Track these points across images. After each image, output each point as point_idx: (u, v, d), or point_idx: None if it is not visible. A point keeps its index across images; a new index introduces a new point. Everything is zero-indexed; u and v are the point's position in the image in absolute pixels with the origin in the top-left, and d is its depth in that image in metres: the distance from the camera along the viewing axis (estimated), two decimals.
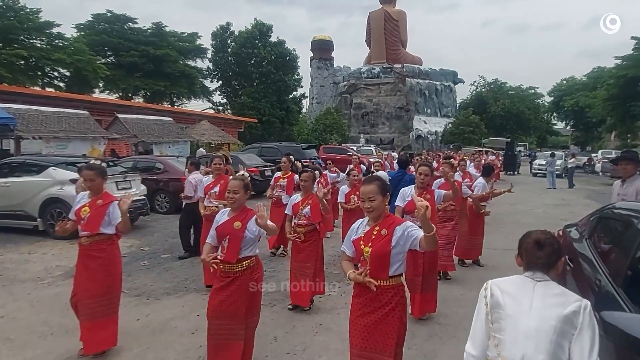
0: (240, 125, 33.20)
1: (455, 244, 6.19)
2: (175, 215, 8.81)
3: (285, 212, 5.10)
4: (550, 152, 24.37)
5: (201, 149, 21.13)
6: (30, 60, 27.43)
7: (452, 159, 6.80)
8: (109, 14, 34.68)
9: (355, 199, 6.47)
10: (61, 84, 30.70)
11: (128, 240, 8.40)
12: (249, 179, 3.48)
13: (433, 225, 2.39)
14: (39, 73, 29.45)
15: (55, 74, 30.49)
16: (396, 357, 2.66)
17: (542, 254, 1.81)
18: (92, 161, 4.45)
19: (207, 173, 6.63)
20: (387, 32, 48.32)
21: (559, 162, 22.53)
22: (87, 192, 3.91)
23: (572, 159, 21.60)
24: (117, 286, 3.89)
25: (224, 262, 3.24)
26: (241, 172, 3.53)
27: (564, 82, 56.96)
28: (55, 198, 8.40)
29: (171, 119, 22.00)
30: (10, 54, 24.69)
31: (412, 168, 8.94)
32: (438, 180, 6.25)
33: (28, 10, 27.24)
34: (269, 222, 3.14)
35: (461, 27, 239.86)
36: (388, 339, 2.59)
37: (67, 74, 30.17)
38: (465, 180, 8.27)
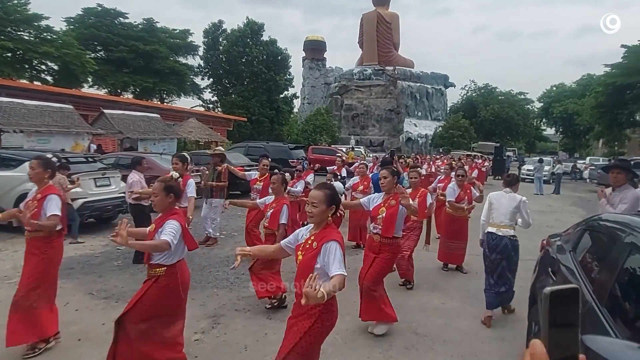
0: (229, 123, 32.88)
1: (411, 250, 5.85)
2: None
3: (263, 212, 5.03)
4: (538, 158, 24.42)
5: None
6: (17, 52, 26.88)
7: (419, 167, 6.62)
8: (99, 8, 34.15)
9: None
10: (48, 78, 30.15)
11: (104, 239, 8.17)
12: (179, 178, 3.39)
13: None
14: (26, 66, 28.88)
15: (43, 67, 29.96)
16: None
17: (510, 182, 4.82)
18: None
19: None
20: (380, 34, 48.27)
21: (546, 168, 22.56)
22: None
23: (558, 165, 21.65)
24: (52, 278, 3.85)
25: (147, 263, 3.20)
26: (172, 173, 3.40)
27: (554, 88, 57.39)
28: None
29: (158, 116, 21.67)
30: None
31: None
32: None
33: (16, 1, 26.69)
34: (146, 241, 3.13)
35: (453, 33, 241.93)
36: (287, 345, 2.61)
37: (55, 67, 29.64)
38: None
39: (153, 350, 3.15)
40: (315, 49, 54.11)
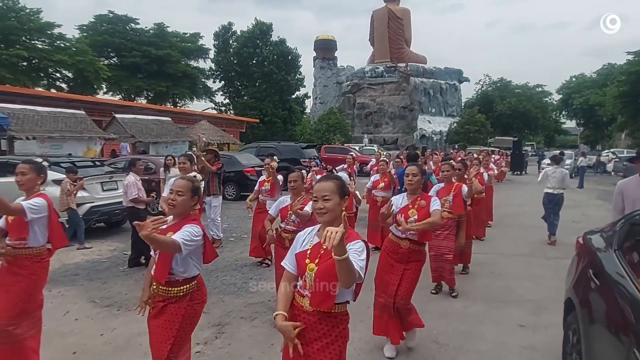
0: (242, 125, 32.86)
1: (454, 252, 5.27)
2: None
3: (270, 212, 4.53)
4: (559, 151, 23.66)
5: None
6: (33, 61, 27.26)
7: (451, 159, 6.09)
8: (110, 15, 34.48)
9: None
10: (63, 85, 30.50)
11: (112, 244, 8.02)
12: (201, 181, 2.95)
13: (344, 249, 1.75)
14: (42, 74, 29.31)
15: (58, 75, 30.34)
16: None
17: (557, 160, 8.89)
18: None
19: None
20: (391, 30, 47.61)
21: (568, 161, 21.82)
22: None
23: (581, 158, 20.90)
24: (38, 306, 3.32)
25: (155, 280, 2.65)
26: (193, 174, 2.96)
27: (573, 79, 55.87)
28: None
29: (169, 119, 21.71)
30: (11, 54, 24.51)
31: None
32: (438, 184, 5.66)
33: (28, 10, 27.03)
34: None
35: (466, 28, 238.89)
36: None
37: (70, 75, 29.97)
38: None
39: None
40: (326, 48, 53.74)
